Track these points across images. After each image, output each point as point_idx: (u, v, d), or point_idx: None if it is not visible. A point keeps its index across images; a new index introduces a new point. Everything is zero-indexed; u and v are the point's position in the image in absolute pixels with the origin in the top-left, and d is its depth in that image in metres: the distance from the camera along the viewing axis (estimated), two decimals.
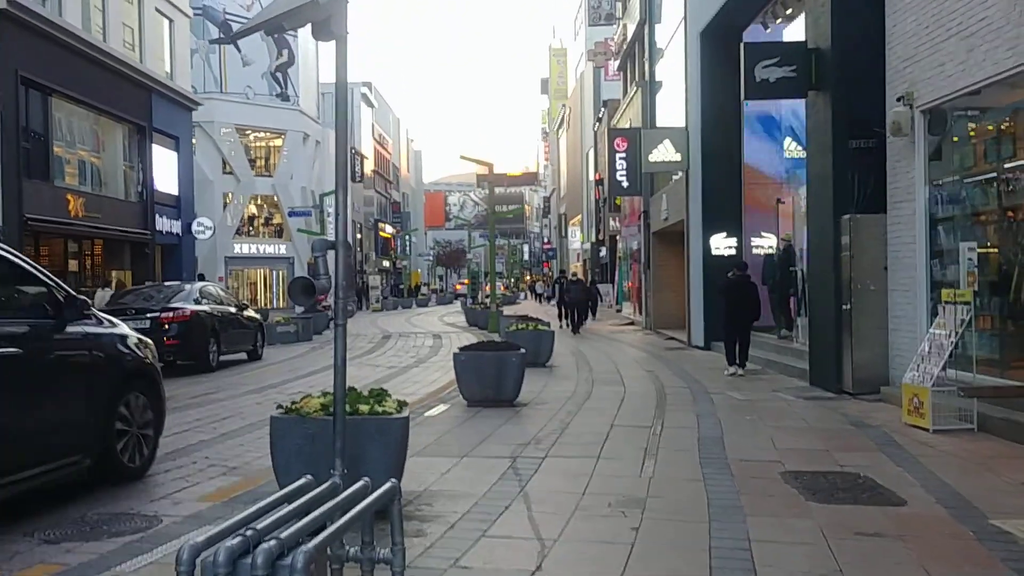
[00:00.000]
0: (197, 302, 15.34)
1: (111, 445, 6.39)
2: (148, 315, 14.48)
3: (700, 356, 17.53)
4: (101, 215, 26.12)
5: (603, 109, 45.05)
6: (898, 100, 10.50)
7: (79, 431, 6.07)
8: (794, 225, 16.92)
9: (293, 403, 5.58)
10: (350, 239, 44.33)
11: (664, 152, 20.41)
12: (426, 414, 9.77)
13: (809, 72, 12.05)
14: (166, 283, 21.23)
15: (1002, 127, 9.51)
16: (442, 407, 10.32)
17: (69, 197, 24.52)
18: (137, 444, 6.72)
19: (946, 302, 8.87)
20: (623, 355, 18.22)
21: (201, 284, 16.74)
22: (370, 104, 72.98)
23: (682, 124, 21.17)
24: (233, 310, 16.81)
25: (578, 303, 26.42)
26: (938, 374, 8.53)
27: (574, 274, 32.43)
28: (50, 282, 6.20)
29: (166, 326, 14.41)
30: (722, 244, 18.68)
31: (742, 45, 12.52)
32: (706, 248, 18.79)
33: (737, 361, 14.07)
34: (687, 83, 20.57)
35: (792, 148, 18.48)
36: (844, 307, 11.26)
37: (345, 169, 4.35)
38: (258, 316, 18.40)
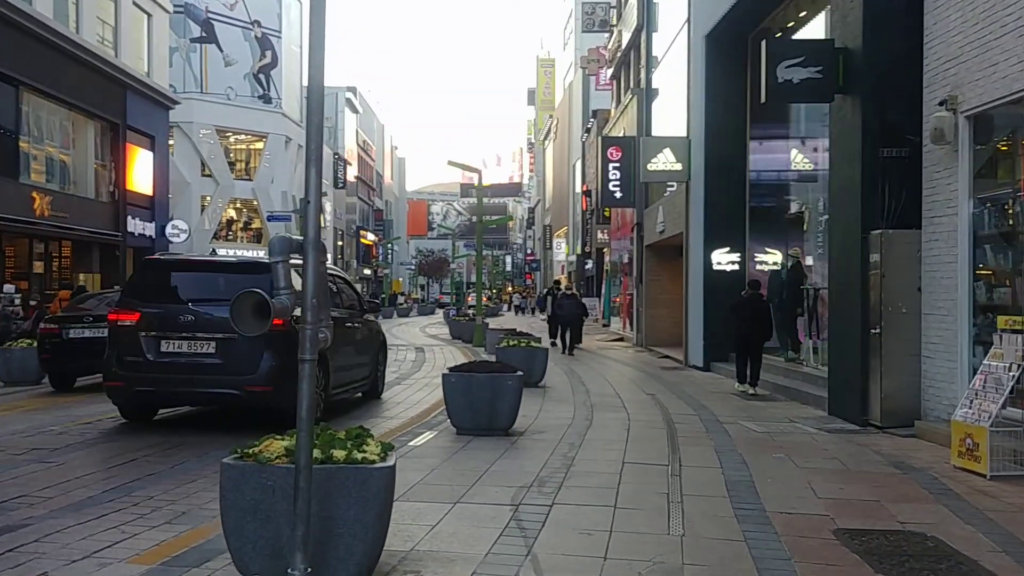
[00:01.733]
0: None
1: (375, 379, 12.53)
2: (106, 324, 13.24)
3: (700, 378, 16.48)
4: (69, 215, 24.83)
5: (592, 120, 44.16)
6: (940, 104, 9.49)
7: (367, 369, 12.14)
8: (803, 240, 15.93)
9: (250, 446, 4.45)
10: (330, 244, 42.23)
11: (664, 161, 19.40)
12: (411, 443, 8.64)
13: (836, 74, 11.05)
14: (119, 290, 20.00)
15: None
16: (428, 435, 9.18)
17: (35, 195, 23.24)
18: (380, 380, 12.87)
19: (1003, 330, 7.83)
20: (618, 375, 17.14)
21: None
22: (354, 110, 71.84)
23: (680, 133, 20.22)
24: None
25: (572, 320, 22.70)
26: (997, 412, 7.49)
27: (568, 287, 28.03)
28: (357, 292, 12.85)
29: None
30: (724, 259, 17.66)
31: (763, 43, 11.50)
32: (707, 263, 17.76)
33: (748, 380, 13.73)
34: (689, 90, 19.59)
35: (799, 160, 17.52)
36: (873, 331, 10.23)
37: (318, 137, 3.26)
38: None
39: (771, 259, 17.37)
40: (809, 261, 16.48)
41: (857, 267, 10.61)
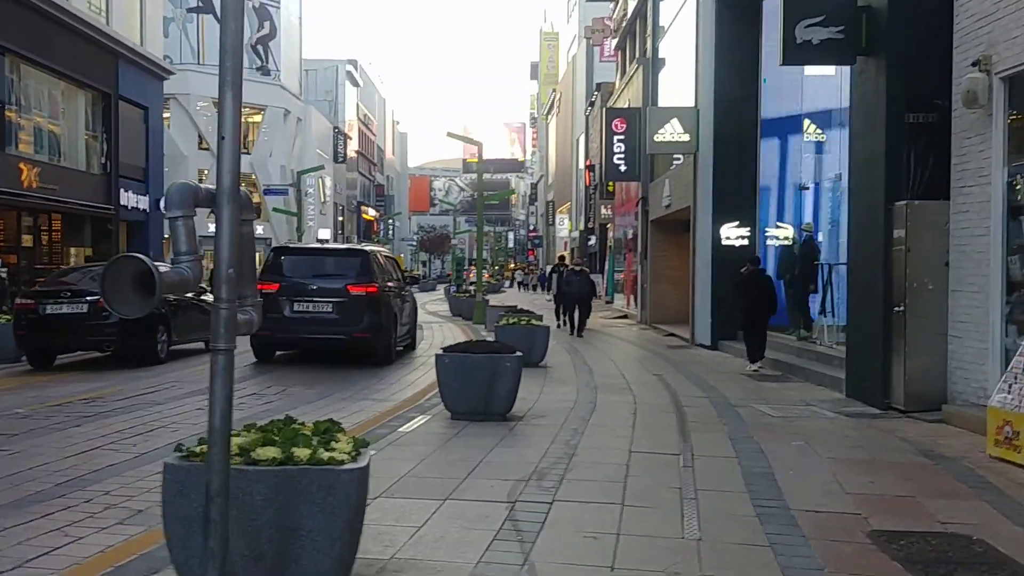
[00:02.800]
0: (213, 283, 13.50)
1: (414, 336, 16.53)
2: (87, 298, 12.63)
3: (707, 357, 15.84)
4: (59, 187, 24.11)
5: (596, 93, 43.31)
6: (972, 65, 8.78)
7: (409, 327, 15.85)
8: (817, 214, 15.25)
9: (200, 442, 3.82)
10: (330, 219, 41.80)
11: (671, 132, 18.66)
12: (401, 429, 8.01)
13: (859, 34, 10.32)
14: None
15: None
16: (420, 420, 8.56)
17: (22, 166, 22.51)
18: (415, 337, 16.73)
19: None
20: (623, 354, 16.51)
21: None
22: (355, 83, 70.91)
23: (688, 104, 19.47)
24: (188, 294, 14.95)
25: (581, 298, 20.54)
26: None
27: (576, 262, 25.26)
28: (401, 268, 16.63)
29: (105, 312, 12.54)
30: (734, 234, 16.96)
31: (782, 0, 10.74)
32: (716, 238, 17.07)
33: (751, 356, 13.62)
34: (698, 58, 18.84)
35: (812, 130, 16.80)
36: (896, 309, 9.57)
37: (236, 46, 2.60)
38: None
39: (782, 233, 16.66)
40: (821, 236, 15.85)
41: (880, 241, 9.93)
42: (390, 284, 14.75)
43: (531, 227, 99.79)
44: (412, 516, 5.19)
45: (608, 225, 39.17)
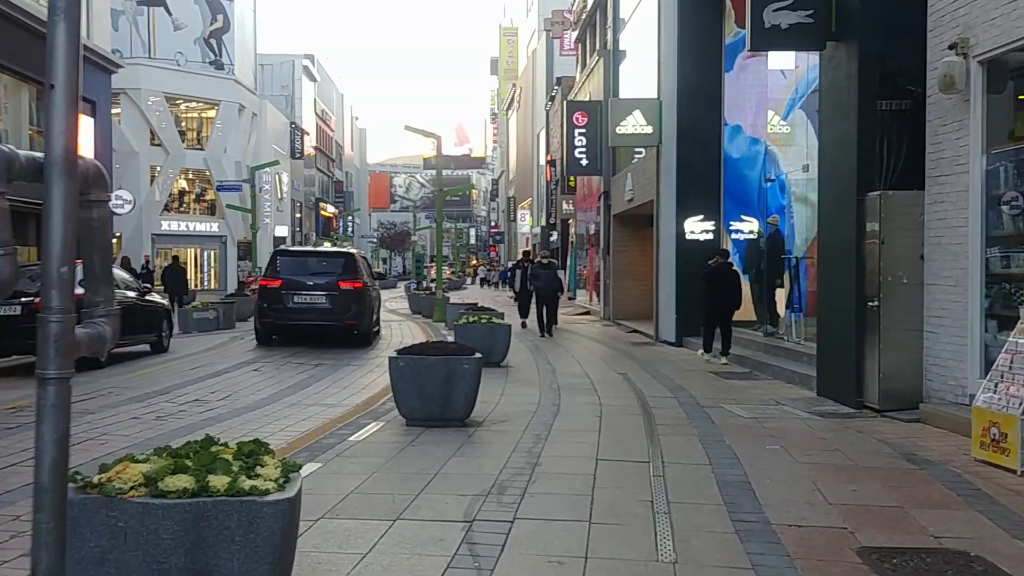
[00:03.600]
0: (83, 284, 12.73)
1: (379, 323, 19.15)
2: (20, 299, 11.90)
3: (673, 354, 15.45)
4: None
5: (556, 87, 42.86)
6: (949, 48, 8.42)
7: (377, 316, 18.54)
8: (785, 207, 14.92)
9: (102, 469, 3.28)
10: (287, 216, 42.45)
11: (634, 124, 18.25)
12: (352, 438, 7.46)
13: (828, 18, 9.96)
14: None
15: None
16: (373, 427, 8.02)
17: None
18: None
19: None
20: (586, 352, 16.06)
21: None
22: (312, 78, 69.86)
23: (651, 96, 19.06)
24: (131, 294, 14.23)
25: (549, 296, 19.11)
26: None
27: (544, 255, 22.30)
28: (370, 266, 19.00)
29: (39, 313, 11.82)
30: (698, 228, 16.59)
31: None
32: (680, 232, 16.68)
33: (722, 350, 13.77)
34: (661, 49, 18.44)
35: (775, 122, 16.48)
36: (870, 304, 9.21)
37: None
38: (163, 301, 15.81)
39: (747, 227, 16.34)
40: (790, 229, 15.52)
41: (852, 232, 9.56)
42: (367, 280, 17.45)
43: (493, 223, 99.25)
44: (357, 540, 4.67)
45: (570, 220, 38.75)
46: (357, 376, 11.98)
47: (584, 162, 25.49)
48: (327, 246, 71.44)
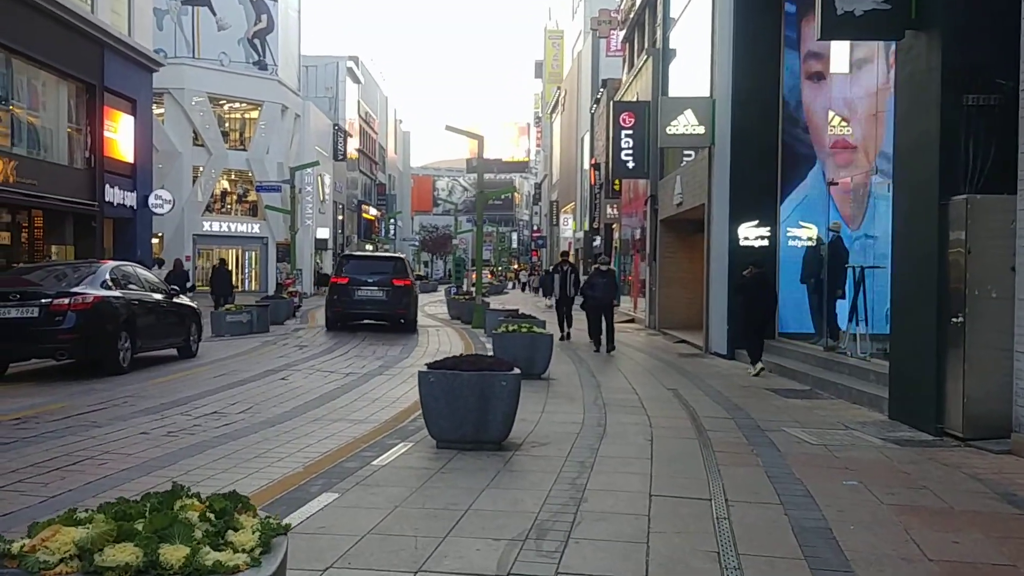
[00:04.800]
0: (107, 286, 12.15)
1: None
2: (39, 300, 11.35)
3: (725, 368, 14.55)
4: (38, 182, 22.86)
5: (602, 89, 42.02)
6: None
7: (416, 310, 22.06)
8: (850, 211, 13.95)
9: (32, 527, 2.55)
10: (329, 218, 45.53)
11: (685, 124, 17.36)
12: (376, 462, 6.72)
13: (908, 3, 9.05)
14: (75, 262, 18.10)
15: None
16: (400, 448, 7.27)
17: None
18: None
19: None
20: (632, 364, 15.20)
21: (117, 264, 13.51)
22: (356, 80, 69.62)
23: (702, 96, 18.16)
24: (158, 297, 13.65)
25: (607, 306, 17.16)
26: None
27: (603, 260, 19.40)
28: (411, 267, 22.44)
29: (58, 316, 11.26)
30: (752, 234, 15.66)
31: None
32: (733, 238, 15.77)
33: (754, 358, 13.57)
34: (714, 45, 17.55)
35: (837, 123, 15.50)
36: (954, 320, 8.28)
37: None
38: (194, 304, 15.24)
39: (806, 234, 15.38)
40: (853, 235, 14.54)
41: (932, 241, 8.65)
42: (413, 280, 22.01)
43: (535, 227, 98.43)
44: None
45: (614, 225, 37.85)
46: (388, 388, 11.25)
47: (630, 165, 24.59)
48: (368, 249, 71.05)
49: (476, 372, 7.20)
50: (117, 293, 12.28)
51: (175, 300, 14.21)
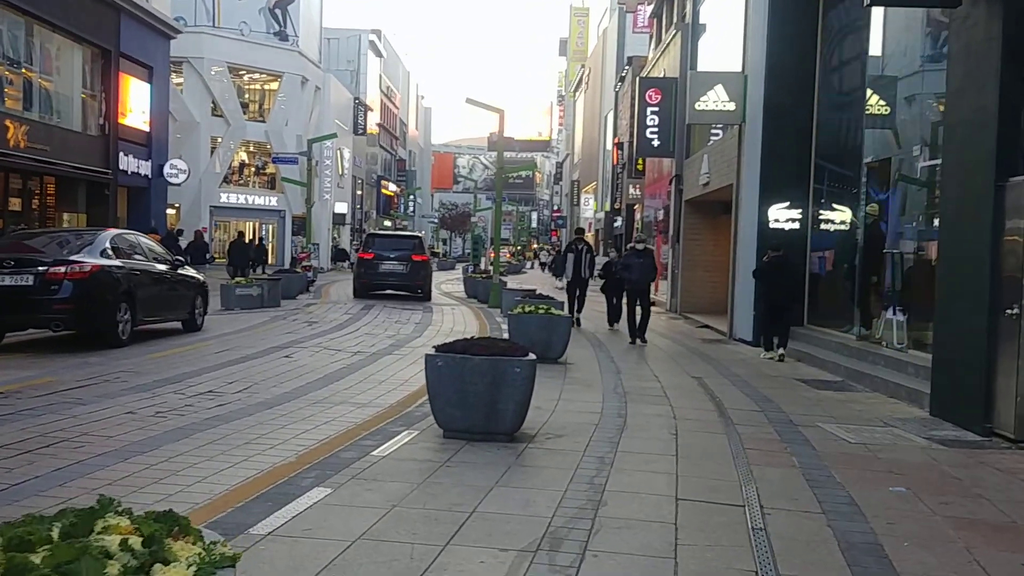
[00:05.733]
0: (107, 255, 11.62)
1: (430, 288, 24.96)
2: (36, 268, 10.83)
3: (750, 355, 13.92)
4: (50, 147, 22.41)
5: (627, 67, 41.18)
6: None
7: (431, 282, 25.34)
8: (887, 195, 13.23)
9: None
10: (348, 193, 47.52)
11: (715, 100, 16.62)
12: (375, 453, 6.16)
13: None
14: (79, 229, 17.63)
15: None
16: (403, 437, 6.71)
17: (8, 123, 20.81)
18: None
19: None
20: (654, 349, 14.56)
21: (119, 232, 12.99)
22: (378, 54, 68.87)
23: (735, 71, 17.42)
24: (163, 267, 13.12)
25: (644, 291, 15.29)
26: None
27: (639, 237, 18.82)
28: (424, 245, 25.80)
29: (54, 285, 10.75)
30: (783, 216, 14.98)
31: None
32: (762, 220, 15.09)
33: (779, 342, 13.28)
34: (747, 18, 16.79)
35: (874, 103, 14.74)
36: (1008, 312, 7.62)
37: None
38: (199, 276, 14.70)
39: (839, 217, 14.69)
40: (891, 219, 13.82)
41: (986, 226, 7.97)
42: (429, 256, 26.01)
43: (555, 207, 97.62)
44: None
45: (636, 206, 37.12)
46: (397, 369, 10.69)
47: (656, 143, 23.88)
48: (387, 225, 70.44)
49: (488, 357, 6.61)
50: (118, 262, 11.75)
51: (180, 271, 13.68)
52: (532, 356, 6.82)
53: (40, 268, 10.84)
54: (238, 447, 6.20)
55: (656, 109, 23.55)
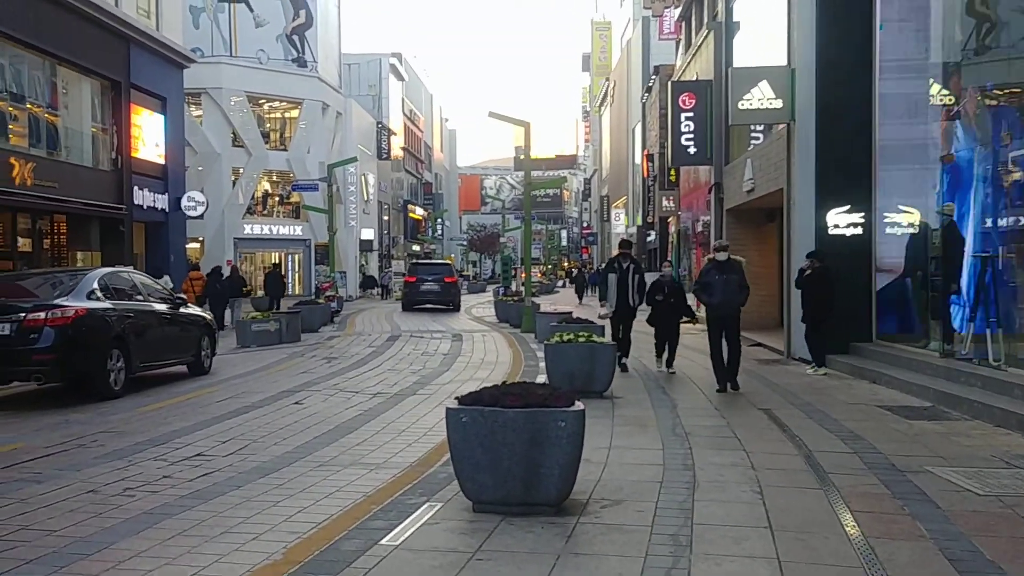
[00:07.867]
0: (95, 297, 10.42)
1: (458, 302, 34.39)
2: (15, 315, 9.66)
3: (815, 378, 12.44)
4: (59, 184, 21.45)
5: (654, 76, 39.89)
6: None
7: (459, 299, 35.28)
8: (967, 192, 11.76)
9: None
10: (374, 219, 47.86)
11: (760, 98, 15.19)
12: (385, 540, 4.82)
13: None
14: (73, 269, 16.51)
15: None
16: (423, 514, 5.36)
17: (13, 161, 19.84)
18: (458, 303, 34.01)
19: None
20: (707, 374, 13.02)
21: (109, 271, 11.79)
22: (400, 77, 68.12)
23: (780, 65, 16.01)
24: (162, 307, 11.93)
25: (729, 315, 11.56)
26: None
27: (722, 244, 12.42)
28: (453, 269, 37.84)
29: (33, 334, 9.55)
30: (843, 220, 13.55)
31: None
32: (820, 227, 13.65)
33: (817, 361, 12.87)
34: (791, 7, 15.40)
35: (940, 93, 13.30)
36: None
37: None
38: (205, 314, 13.50)
39: (907, 219, 13.22)
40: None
41: None
42: (458, 278, 34.80)
43: (584, 224, 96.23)
44: None
45: (670, 219, 35.69)
46: (420, 413, 9.33)
47: (691, 150, 22.49)
48: (415, 249, 69.47)
49: (523, 409, 5.26)
50: (107, 304, 10.55)
51: (183, 310, 12.48)
52: (579, 406, 5.44)
53: (19, 315, 9.66)
54: (212, 539, 4.88)
55: (691, 114, 22.18)
